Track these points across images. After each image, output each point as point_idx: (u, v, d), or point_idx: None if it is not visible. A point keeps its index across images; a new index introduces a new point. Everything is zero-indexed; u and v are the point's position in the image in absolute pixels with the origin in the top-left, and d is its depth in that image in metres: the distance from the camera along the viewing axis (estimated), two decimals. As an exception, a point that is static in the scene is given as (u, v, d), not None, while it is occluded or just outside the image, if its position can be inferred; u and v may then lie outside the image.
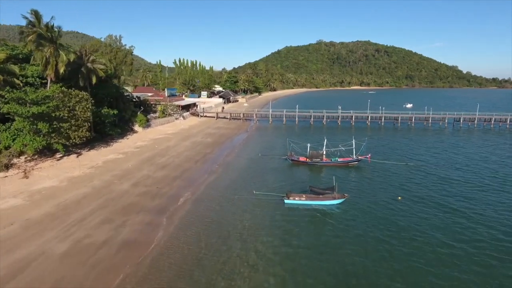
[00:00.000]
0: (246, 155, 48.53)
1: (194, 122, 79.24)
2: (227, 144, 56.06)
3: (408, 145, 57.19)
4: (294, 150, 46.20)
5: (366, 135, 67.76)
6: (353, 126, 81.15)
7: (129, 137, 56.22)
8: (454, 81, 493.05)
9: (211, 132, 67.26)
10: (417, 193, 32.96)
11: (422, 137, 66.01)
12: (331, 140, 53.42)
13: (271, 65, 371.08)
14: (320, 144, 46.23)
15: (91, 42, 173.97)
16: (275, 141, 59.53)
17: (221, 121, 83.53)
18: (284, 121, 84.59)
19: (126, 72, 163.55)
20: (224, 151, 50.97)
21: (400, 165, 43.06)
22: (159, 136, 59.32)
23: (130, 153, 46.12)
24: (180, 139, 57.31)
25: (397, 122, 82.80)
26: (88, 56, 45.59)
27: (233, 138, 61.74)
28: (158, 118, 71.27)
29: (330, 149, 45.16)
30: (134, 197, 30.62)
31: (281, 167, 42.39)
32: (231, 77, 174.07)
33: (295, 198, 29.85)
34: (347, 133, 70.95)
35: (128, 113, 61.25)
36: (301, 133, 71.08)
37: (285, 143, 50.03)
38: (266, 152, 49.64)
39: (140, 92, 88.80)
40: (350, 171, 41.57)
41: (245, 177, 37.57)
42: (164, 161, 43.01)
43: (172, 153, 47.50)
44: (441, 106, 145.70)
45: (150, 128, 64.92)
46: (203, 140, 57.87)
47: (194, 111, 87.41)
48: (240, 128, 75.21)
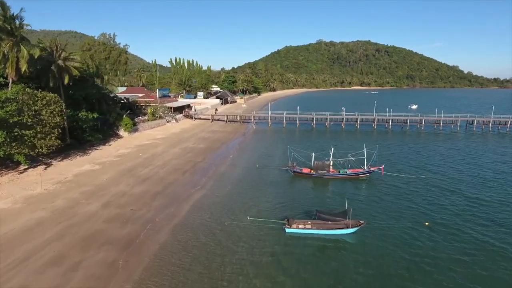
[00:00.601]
0: (242, 164, 42.80)
1: (187, 125, 73.50)
2: (221, 151, 50.33)
3: (421, 153, 51.46)
4: (296, 160, 40.50)
5: (374, 140, 62.11)
6: (358, 129, 75.46)
7: (112, 144, 50.46)
8: (455, 81, 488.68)
9: (205, 136, 61.53)
10: (444, 220, 27.19)
11: (434, 143, 60.30)
12: (337, 147, 47.79)
13: (271, 65, 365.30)
14: (326, 153, 40.49)
15: (84, 41, 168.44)
16: (275, 148, 53.82)
17: (217, 124, 77.83)
18: (284, 123, 78.91)
19: (121, 72, 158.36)
20: (217, 159, 45.25)
21: (418, 179, 37.37)
22: (146, 141, 53.58)
23: (108, 163, 40.36)
24: (169, 145, 51.57)
25: (405, 125, 77.13)
26: (60, 52, 39.81)
27: (228, 144, 56.01)
28: (147, 121, 65.53)
29: (338, 159, 39.41)
30: (100, 222, 24.90)
31: (281, 180, 36.65)
32: (229, 77, 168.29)
33: (299, 225, 24.14)
34: (352, 138, 65.43)
35: (113, 116, 55.53)
36: (302, 137, 65.39)
37: (286, 150, 44.39)
38: (264, 162, 43.90)
39: (131, 93, 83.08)
40: (361, 185, 35.87)
41: (238, 194, 31.84)
42: (146, 172, 37.27)
43: (157, 162, 41.77)
44: (447, 107, 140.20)
45: (137, 132, 59.19)
46: (194, 146, 52.14)
47: (187, 113, 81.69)
48: (236, 131, 69.51)
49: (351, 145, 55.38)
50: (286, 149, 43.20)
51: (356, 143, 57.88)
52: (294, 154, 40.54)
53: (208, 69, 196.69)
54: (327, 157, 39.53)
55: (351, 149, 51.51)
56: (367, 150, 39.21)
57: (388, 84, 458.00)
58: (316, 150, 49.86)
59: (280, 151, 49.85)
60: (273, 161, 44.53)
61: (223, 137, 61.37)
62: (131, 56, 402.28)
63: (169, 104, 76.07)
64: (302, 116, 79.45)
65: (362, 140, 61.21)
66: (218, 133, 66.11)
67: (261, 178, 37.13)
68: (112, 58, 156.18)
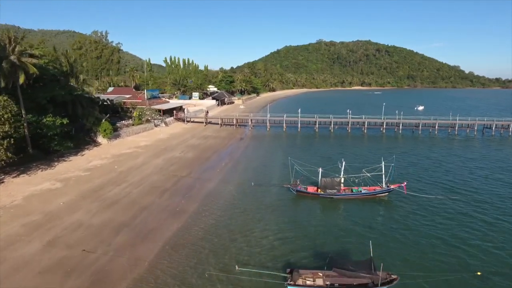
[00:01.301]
0: (234, 180, 36.04)
1: (178, 129, 66.73)
2: (212, 162, 43.57)
3: (442, 163, 44.68)
4: (299, 174, 33.73)
5: (384, 146, 55.42)
6: (365, 134, 68.75)
7: (85, 153, 43.68)
8: (457, 81, 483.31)
9: (195, 143, 54.77)
10: (498, 267, 20.54)
11: (453, 150, 53.53)
12: (344, 155, 41.13)
13: (270, 64, 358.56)
14: (334, 167, 33.72)
15: (75, 39, 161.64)
16: (274, 158, 47.07)
17: (211, 128, 71.09)
18: (284, 127, 72.12)
19: (113, 71, 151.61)
20: (206, 172, 38.50)
21: (449, 201, 30.70)
22: (126, 150, 46.81)
23: (74, 179, 33.58)
24: (152, 155, 44.79)
25: (416, 130, 70.43)
26: (13, 46, 32.97)
27: (221, 152, 49.25)
28: (132, 126, 58.74)
29: (350, 175, 32.62)
30: (34, 275, 18.16)
31: (281, 203, 29.89)
32: (226, 77, 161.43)
33: (306, 281, 17.42)
34: (360, 144, 58.69)
35: (90, 121, 48.74)
36: (304, 144, 58.62)
37: (286, 161, 37.87)
38: (261, 178, 36.98)
39: (117, 93, 76.28)
40: (381, 210, 29.14)
41: (226, 227, 25.08)
42: (116, 193, 30.51)
43: (133, 178, 35.00)
44: (455, 109, 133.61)
45: (119, 139, 52.41)
46: (181, 156, 45.39)
47: (179, 115, 74.92)
48: (231, 137, 62.75)
49: (361, 155, 48.70)
50: (287, 160, 36.60)
51: (365, 151, 51.32)
52: (296, 167, 33.70)
53: (205, 69, 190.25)
54: (336, 172, 32.83)
55: (361, 159, 45.05)
56: (385, 163, 32.53)
57: (389, 84, 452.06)
58: (322, 160, 43.39)
59: (279, 163, 43.14)
60: (271, 176, 37.73)
61: (215, 144, 54.61)
62: (130, 56, 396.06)
63: (158, 106, 69.18)
64: (304, 119, 72.72)
65: (371, 147, 54.63)
66: (210, 139, 59.35)
67: (257, 199, 30.38)
68: (104, 57, 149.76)
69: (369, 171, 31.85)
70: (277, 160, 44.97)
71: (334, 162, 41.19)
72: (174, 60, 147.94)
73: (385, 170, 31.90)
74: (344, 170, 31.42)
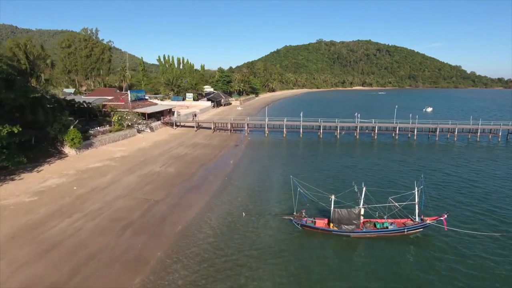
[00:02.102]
0: (221, 207, 28.39)
1: (164, 136, 59.10)
2: (197, 179, 35.90)
3: (477, 182, 36.46)
4: (303, 199, 26.00)
5: (399, 157, 47.78)
6: (376, 140, 61.12)
7: (43, 169, 36.00)
8: (459, 81, 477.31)
9: (181, 153, 47.18)
10: None
11: (484, 163, 45.74)
12: (357, 169, 33.69)
13: (270, 64, 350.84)
14: (346, 187, 26.13)
15: (64, 36, 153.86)
16: (272, 173, 39.39)
17: (202, 134, 63.49)
18: (285, 133, 64.49)
19: (104, 71, 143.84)
20: (187, 195, 30.86)
21: (506, 239, 23.16)
22: (96, 163, 39.19)
23: (11, 209, 25.89)
24: (125, 170, 37.15)
25: (432, 135, 62.87)
26: None
27: (209, 166, 41.61)
28: (109, 133, 51.05)
29: (369, 204, 25.00)
30: None
31: (281, 247, 22.11)
32: (223, 77, 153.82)
33: None
34: (370, 152, 50.95)
35: (55, 129, 41.11)
36: (308, 154, 50.97)
37: (287, 177, 30.56)
38: (256, 205, 29.16)
39: (99, 95, 68.73)
40: (420, 256, 21.50)
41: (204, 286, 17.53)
42: (61, 230, 22.89)
43: (92, 204, 27.39)
44: (465, 110, 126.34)
45: (91, 149, 44.80)
46: (162, 171, 37.77)
47: (168, 119, 67.28)
48: (224, 144, 55.14)
49: (377, 168, 41.00)
50: (288, 177, 29.14)
51: (380, 163, 43.61)
52: (300, 189, 25.94)
53: (201, 68, 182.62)
54: (352, 198, 25.27)
55: (379, 175, 37.41)
56: (403, 181, 24.95)
57: (390, 84, 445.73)
58: (331, 177, 35.75)
59: (279, 181, 35.47)
60: (268, 201, 30.01)
61: (204, 155, 46.98)
62: (129, 56, 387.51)
63: (141, 110, 61.42)
64: (306, 123, 65.06)
65: (385, 157, 46.80)
66: (200, 147, 51.73)
67: (249, 240, 22.77)
68: (95, 55, 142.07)
69: (397, 200, 24.27)
70: (276, 176, 37.32)
71: (345, 180, 33.79)
72: (168, 59, 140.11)
73: (407, 191, 24.44)
74: (364, 198, 23.83)
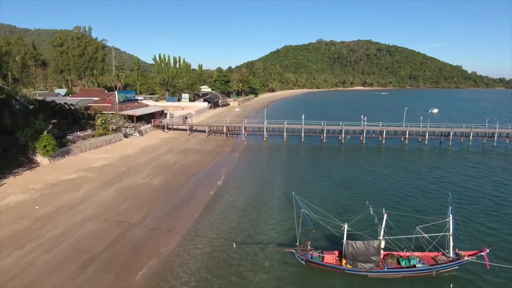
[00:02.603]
0: (210, 233, 23.62)
1: (154, 140, 54.35)
2: (184, 194, 31.13)
3: (503, 197, 32.07)
4: (307, 221, 21.14)
5: (412, 164, 43.00)
6: (384, 145, 56.38)
7: (5, 182, 31.04)
8: (460, 81, 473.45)
9: (171, 160, 42.47)
10: None
11: (506, 172, 41.17)
12: (367, 181, 29.02)
13: (270, 64, 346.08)
14: (360, 208, 21.42)
15: (56, 35, 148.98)
16: (271, 187, 34.57)
17: (195, 138, 58.77)
18: (285, 137, 59.66)
19: (98, 71, 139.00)
20: (170, 215, 26.07)
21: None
22: (70, 174, 34.42)
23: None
24: (102, 183, 32.41)
25: (446, 139, 58.18)
26: None
27: (200, 176, 36.85)
28: (91, 138, 46.26)
29: (391, 235, 20.22)
30: None
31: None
32: (221, 76, 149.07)
33: None
34: (377, 159, 45.87)
35: (27, 134, 36.40)
36: (311, 161, 46.20)
37: (288, 191, 25.98)
38: (250, 231, 24.25)
39: (86, 96, 64.01)
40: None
41: None
42: (8, 265, 18.14)
43: (54, 228, 22.63)
44: (472, 112, 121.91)
45: (68, 156, 40.04)
46: (145, 183, 33.04)
47: (158, 122, 62.50)
48: (218, 150, 50.43)
49: (391, 184, 35.98)
50: (289, 191, 24.52)
51: (393, 174, 38.62)
52: (303, 208, 21.09)
53: (199, 68, 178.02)
54: (366, 221, 20.56)
55: (393, 190, 32.59)
56: (425, 201, 20.24)
57: (391, 84, 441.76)
58: (339, 192, 30.85)
59: (279, 199, 30.63)
60: (266, 225, 25.16)
61: (196, 162, 42.26)
62: (128, 56, 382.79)
63: (129, 112, 56.60)
64: (308, 127, 60.23)
65: (397, 166, 41.61)
66: (192, 153, 47.02)
67: (240, 282, 18.06)
68: (88, 54, 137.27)
69: (425, 229, 19.51)
70: (275, 191, 32.55)
71: (356, 196, 29.00)
72: (163, 58, 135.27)
73: (441, 219, 19.80)
74: (385, 226, 19.10)
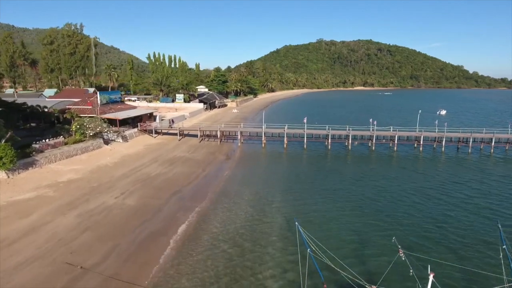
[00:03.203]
0: (187, 281, 17.86)
1: (139, 147, 48.48)
2: (162, 220, 25.25)
3: None
4: (316, 268, 15.16)
5: (433, 181, 37.05)
6: (395, 153, 50.55)
7: None
8: (461, 81, 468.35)
9: (153, 173, 36.60)
10: None
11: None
12: (380, 202, 23.14)
13: (270, 64, 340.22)
14: (376, 239, 15.54)
15: (46, 32, 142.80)
16: (268, 210, 28.74)
17: (186, 144, 52.93)
18: (285, 143, 53.81)
19: (89, 70, 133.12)
20: (138, 255, 20.20)
21: None
22: (27, 193, 28.50)
23: None
24: (62, 205, 26.51)
25: (463, 146, 52.39)
26: None
27: (185, 193, 30.97)
28: (64, 146, 40.33)
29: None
30: None
31: None
32: (219, 76, 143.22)
33: None
34: (390, 171, 38.52)
35: (-20, 143, 30.61)
36: (315, 174, 40.23)
37: (289, 218, 20.25)
38: (239, 281, 18.60)
39: (65, 97, 58.15)
40: None
41: None
42: None
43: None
44: (480, 113, 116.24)
45: (32, 168, 34.14)
46: (115, 205, 27.15)
47: (146, 126, 56.62)
48: (211, 159, 44.60)
49: (414, 206, 29.99)
50: (289, 219, 18.93)
51: (413, 189, 32.50)
52: (310, 251, 15.13)
53: (196, 67, 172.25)
54: (402, 276, 14.68)
55: (420, 219, 26.54)
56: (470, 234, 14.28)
57: (392, 84, 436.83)
58: (354, 224, 24.70)
59: (278, 228, 24.69)
60: (260, 272, 19.19)
61: (182, 175, 36.39)
62: (127, 56, 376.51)
63: (111, 115, 50.64)
64: (311, 131, 54.38)
65: (415, 180, 35.15)
66: (179, 163, 41.16)
67: None
68: (79, 53, 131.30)
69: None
70: (273, 217, 26.63)
71: (373, 222, 22.86)
72: (158, 56, 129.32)
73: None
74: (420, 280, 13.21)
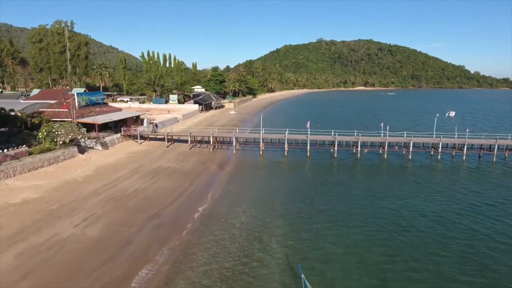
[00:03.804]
0: None
1: (120, 155, 42.73)
2: (128, 257, 19.54)
3: None
4: None
5: (463, 200, 31.25)
6: (410, 162, 44.80)
7: None
8: (463, 81, 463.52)
9: (131, 188, 30.84)
10: None
11: None
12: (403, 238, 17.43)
13: (269, 63, 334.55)
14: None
15: (35, 30, 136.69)
16: (264, 245, 23.00)
17: (174, 151, 47.20)
18: (286, 150, 48.03)
19: (81, 69, 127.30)
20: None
21: None
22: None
23: None
24: (6, 237, 20.80)
25: (487, 154, 46.70)
26: None
27: (165, 217, 25.13)
28: (28, 156, 34.56)
29: None
30: None
31: None
32: (216, 76, 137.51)
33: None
34: (408, 186, 32.02)
35: None
36: (320, 190, 34.39)
37: (290, 261, 14.79)
38: None
39: (42, 98, 52.42)
40: None
41: None
42: None
43: None
44: (490, 114, 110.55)
45: (-17, 185, 28.48)
46: (73, 236, 21.40)
47: (129, 131, 50.85)
48: (201, 170, 38.83)
49: (446, 240, 24.06)
50: (292, 263, 13.85)
51: (439, 211, 26.45)
52: None
53: (193, 67, 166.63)
54: None
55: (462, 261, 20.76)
56: None
57: (393, 84, 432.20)
58: (374, 272, 18.75)
59: (279, 273, 18.95)
60: None
61: (165, 192, 30.62)
62: (126, 55, 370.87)
63: (88, 119, 44.76)
64: (315, 137, 48.59)
65: (439, 200, 28.92)
66: (164, 176, 35.39)
67: None
68: (69, 51, 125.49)
69: None
70: (272, 257, 20.82)
71: (400, 264, 16.97)
72: (152, 55, 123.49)
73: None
74: None
